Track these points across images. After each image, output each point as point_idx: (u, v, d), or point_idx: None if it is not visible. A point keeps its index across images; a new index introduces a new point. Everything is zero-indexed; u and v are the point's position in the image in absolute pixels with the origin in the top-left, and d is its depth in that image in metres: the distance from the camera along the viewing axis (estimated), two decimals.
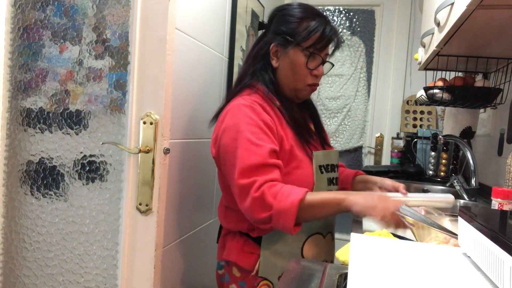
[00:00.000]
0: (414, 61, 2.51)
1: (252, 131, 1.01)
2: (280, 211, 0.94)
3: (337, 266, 0.81)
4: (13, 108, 1.25)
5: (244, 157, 0.99)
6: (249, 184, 0.97)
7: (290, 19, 1.12)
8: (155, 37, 1.10)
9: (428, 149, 2.24)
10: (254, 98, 1.09)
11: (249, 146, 0.99)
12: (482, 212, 0.80)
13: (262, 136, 1.02)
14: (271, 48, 1.13)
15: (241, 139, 1.01)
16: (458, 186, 1.66)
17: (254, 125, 1.02)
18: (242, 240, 1.13)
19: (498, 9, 0.94)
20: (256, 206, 0.96)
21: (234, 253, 1.13)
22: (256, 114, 1.04)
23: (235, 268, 1.14)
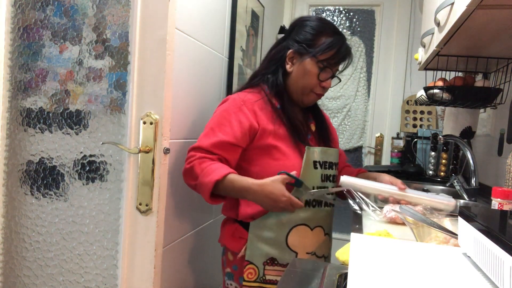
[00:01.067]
0: (414, 61, 2.51)
1: (218, 123, 1.18)
2: (201, 184, 1.12)
3: (337, 266, 0.81)
4: (13, 108, 1.25)
5: (201, 138, 1.19)
6: (190, 156, 1.17)
7: (310, 31, 1.23)
8: (155, 37, 1.10)
9: (428, 149, 2.24)
10: (250, 96, 1.22)
11: (209, 132, 1.18)
12: (482, 212, 0.80)
13: (221, 128, 1.17)
14: (288, 53, 1.23)
15: (209, 124, 1.20)
16: (458, 186, 1.66)
17: (223, 117, 1.18)
18: (234, 226, 1.24)
19: (498, 9, 0.94)
20: (187, 174, 1.18)
21: (227, 238, 1.26)
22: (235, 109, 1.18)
23: (229, 253, 1.25)
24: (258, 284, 1.18)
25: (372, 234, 0.97)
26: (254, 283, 1.18)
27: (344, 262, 0.83)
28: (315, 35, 1.22)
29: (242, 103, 1.19)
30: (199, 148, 1.16)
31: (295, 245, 1.19)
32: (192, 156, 1.16)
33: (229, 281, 1.26)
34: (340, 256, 0.85)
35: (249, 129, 1.17)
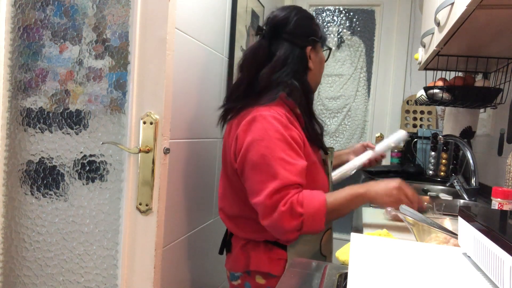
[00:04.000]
0: (414, 61, 2.51)
1: (283, 149, 1.02)
2: (311, 215, 0.98)
3: (337, 266, 0.81)
4: (13, 108, 1.25)
5: (277, 175, 0.99)
6: (278, 201, 0.99)
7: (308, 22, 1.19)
8: (155, 37, 1.10)
9: (428, 149, 2.24)
10: (279, 110, 1.08)
11: (279, 166, 1.00)
12: (482, 212, 0.80)
13: (292, 153, 1.03)
14: (308, 51, 1.17)
15: (273, 157, 1.01)
16: (458, 186, 1.66)
17: (284, 141, 1.03)
18: (268, 248, 1.13)
19: (498, 9, 0.94)
20: (286, 217, 0.98)
21: (264, 263, 1.12)
22: (285, 128, 1.04)
23: (258, 276, 1.14)
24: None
25: (372, 234, 0.97)
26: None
27: (344, 262, 0.83)
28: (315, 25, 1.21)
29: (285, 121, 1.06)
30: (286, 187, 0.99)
31: (325, 250, 1.19)
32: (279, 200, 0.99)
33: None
34: (340, 256, 0.85)
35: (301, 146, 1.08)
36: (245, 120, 1.08)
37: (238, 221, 1.17)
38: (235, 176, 1.13)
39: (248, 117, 1.07)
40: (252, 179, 1.04)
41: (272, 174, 1.00)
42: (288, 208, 0.98)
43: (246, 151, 1.04)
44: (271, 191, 0.99)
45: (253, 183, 1.03)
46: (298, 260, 0.86)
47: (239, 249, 1.17)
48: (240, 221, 1.17)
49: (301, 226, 0.99)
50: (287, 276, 0.76)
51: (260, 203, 1.00)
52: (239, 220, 1.17)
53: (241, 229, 1.17)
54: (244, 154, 1.05)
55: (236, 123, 1.12)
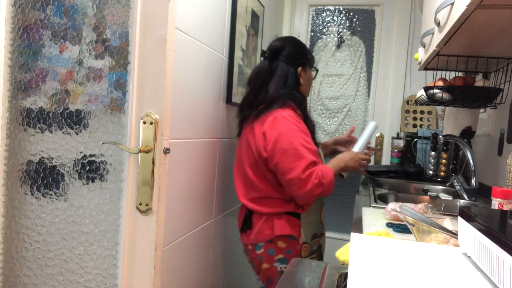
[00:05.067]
0: (414, 61, 2.51)
1: (302, 137, 1.42)
2: (328, 183, 1.41)
3: (337, 266, 0.81)
4: (13, 108, 1.25)
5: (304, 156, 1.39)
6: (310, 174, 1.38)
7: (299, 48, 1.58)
8: (155, 37, 1.10)
9: (428, 149, 2.24)
10: (292, 112, 1.47)
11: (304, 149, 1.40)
12: (482, 212, 0.80)
13: (308, 139, 1.44)
14: (299, 71, 1.55)
15: (298, 143, 1.40)
16: (458, 186, 1.66)
17: (301, 131, 1.43)
18: (288, 217, 1.48)
19: (498, 9, 0.94)
20: (316, 187, 1.38)
21: (287, 228, 1.47)
22: (298, 123, 1.45)
23: (280, 241, 1.47)
24: (310, 257, 1.55)
25: (372, 234, 0.97)
26: (308, 257, 1.54)
27: (344, 262, 0.83)
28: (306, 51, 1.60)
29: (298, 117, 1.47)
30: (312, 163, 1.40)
31: (323, 219, 1.63)
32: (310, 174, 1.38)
33: (282, 265, 1.49)
34: (340, 256, 0.85)
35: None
36: (268, 120, 1.43)
37: (263, 201, 1.49)
38: (263, 164, 1.46)
39: (271, 118, 1.43)
40: (284, 161, 1.39)
41: (300, 155, 1.38)
42: (318, 181, 1.38)
43: (275, 141, 1.40)
44: (303, 168, 1.37)
45: (285, 164, 1.38)
46: (299, 260, 0.86)
47: (263, 222, 1.49)
48: (265, 200, 1.49)
49: (321, 193, 1.40)
50: (288, 276, 0.76)
51: (295, 178, 1.37)
52: (264, 200, 1.49)
53: (265, 206, 1.49)
54: (274, 144, 1.40)
55: (259, 124, 1.46)
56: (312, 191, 1.38)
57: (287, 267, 0.83)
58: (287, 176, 1.38)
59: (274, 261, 1.48)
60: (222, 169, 1.79)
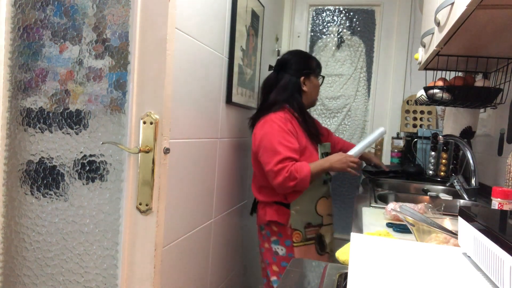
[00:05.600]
0: (414, 61, 2.51)
1: (282, 136, 1.62)
2: (302, 178, 1.58)
3: (337, 266, 0.81)
4: (13, 107, 1.25)
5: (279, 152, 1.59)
6: (282, 168, 1.58)
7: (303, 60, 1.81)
8: (155, 37, 1.10)
9: (428, 149, 2.24)
10: (281, 114, 1.69)
11: (280, 146, 1.60)
12: (482, 212, 0.80)
13: (289, 138, 1.63)
14: (302, 80, 1.77)
15: (275, 141, 1.61)
16: (458, 186, 1.66)
17: (282, 131, 1.63)
18: (276, 206, 1.72)
19: (498, 9, 0.94)
20: (287, 180, 1.58)
21: (275, 215, 1.71)
22: (283, 124, 1.65)
23: (273, 226, 1.73)
24: (303, 243, 1.70)
25: (372, 234, 0.97)
26: (301, 243, 1.70)
27: (344, 262, 0.83)
28: (309, 62, 1.82)
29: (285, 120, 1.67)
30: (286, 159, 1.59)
31: (320, 210, 1.75)
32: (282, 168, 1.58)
33: (277, 246, 1.73)
34: (340, 256, 0.85)
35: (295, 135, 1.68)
36: (260, 123, 1.70)
37: (262, 190, 1.76)
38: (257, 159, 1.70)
39: (262, 121, 1.70)
40: (264, 156, 1.63)
41: (275, 152, 1.59)
42: (289, 174, 1.57)
43: (260, 140, 1.66)
44: (276, 161, 1.58)
45: (264, 158, 1.63)
46: (299, 260, 0.86)
47: (261, 208, 1.78)
48: (263, 190, 1.76)
49: (295, 185, 1.59)
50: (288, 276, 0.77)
51: (269, 170, 1.60)
52: (262, 189, 1.76)
53: (262, 195, 1.76)
54: (259, 142, 1.66)
55: (257, 126, 1.72)
56: (284, 183, 1.57)
57: (287, 267, 0.83)
58: (265, 169, 1.63)
59: (271, 242, 1.75)
60: (222, 169, 1.79)
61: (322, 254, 1.77)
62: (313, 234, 1.73)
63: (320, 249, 1.76)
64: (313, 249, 1.73)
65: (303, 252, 1.70)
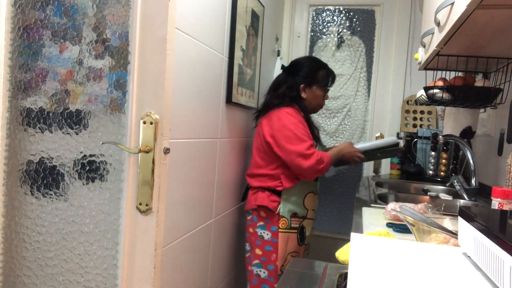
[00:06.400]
0: (414, 61, 2.51)
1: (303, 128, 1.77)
2: (327, 163, 1.76)
3: (337, 266, 0.81)
4: (13, 107, 1.25)
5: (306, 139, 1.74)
6: (313, 152, 1.73)
7: (311, 69, 1.89)
8: (155, 37, 1.10)
9: (428, 149, 2.24)
10: (293, 111, 1.81)
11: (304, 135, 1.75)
12: (482, 212, 0.80)
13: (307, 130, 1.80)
14: (301, 87, 1.86)
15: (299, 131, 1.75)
16: (458, 186, 1.66)
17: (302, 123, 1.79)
18: (268, 193, 1.82)
19: (498, 9, 0.94)
20: (318, 162, 1.72)
21: (266, 200, 1.80)
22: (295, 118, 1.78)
23: (262, 211, 1.82)
24: (287, 231, 1.81)
25: (372, 234, 0.97)
26: (285, 230, 1.80)
27: (344, 262, 0.83)
28: (316, 72, 1.88)
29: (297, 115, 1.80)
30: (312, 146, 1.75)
31: (307, 204, 1.87)
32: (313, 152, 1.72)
33: (262, 230, 1.82)
34: (340, 256, 0.85)
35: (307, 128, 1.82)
36: (275, 115, 1.79)
37: (259, 177, 1.84)
38: (267, 147, 1.80)
39: (277, 113, 1.79)
40: (289, 144, 1.73)
41: (301, 139, 1.73)
42: (320, 158, 1.73)
43: (279, 130, 1.75)
44: (307, 146, 1.72)
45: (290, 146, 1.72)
46: (299, 260, 0.86)
47: (252, 194, 1.86)
48: (261, 177, 1.84)
49: (322, 169, 1.74)
50: (288, 276, 0.77)
51: (300, 154, 1.71)
52: (260, 177, 1.84)
53: (258, 182, 1.84)
54: (275, 132, 1.76)
55: (267, 118, 1.82)
56: (315, 165, 1.71)
57: (287, 266, 0.83)
58: (292, 155, 1.72)
59: (256, 227, 1.84)
60: (222, 169, 1.79)
61: (301, 245, 1.86)
62: (297, 224, 1.83)
63: (300, 239, 1.85)
64: (295, 238, 1.83)
65: (286, 238, 1.81)
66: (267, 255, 1.81)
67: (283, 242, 1.80)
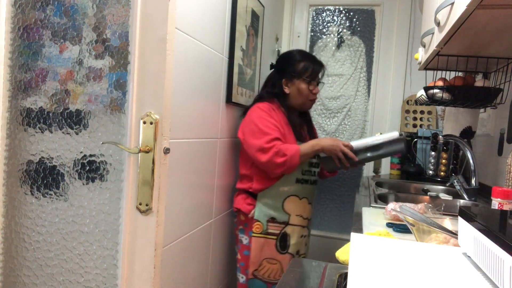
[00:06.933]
0: (414, 61, 2.51)
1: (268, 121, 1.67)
2: (292, 155, 1.60)
3: (337, 266, 0.81)
4: (13, 107, 1.25)
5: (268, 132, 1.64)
6: (272, 146, 1.61)
7: (292, 62, 1.78)
8: (155, 37, 1.10)
9: (428, 149, 2.24)
10: (266, 105, 1.74)
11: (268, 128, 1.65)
12: (482, 212, 0.80)
13: (275, 123, 1.68)
14: (283, 82, 1.78)
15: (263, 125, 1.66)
16: (458, 186, 1.66)
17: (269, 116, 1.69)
18: (245, 195, 1.76)
19: (498, 9, 0.94)
20: (276, 155, 1.60)
21: (240, 204, 1.76)
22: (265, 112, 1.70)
23: (241, 215, 1.77)
24: (263, 236, 1.71)
25: (372, 234, 0.97)
26: (260, 234, 1.71)
27: (344, 262, 0.83)
28: (296, 64, 1.77)
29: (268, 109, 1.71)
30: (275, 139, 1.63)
31: (288, 209, 1.73)
32: (272, 146, 1.61)
33: (241, 235, 1.76)
34: (340, 256, 0.85)
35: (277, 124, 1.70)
36: (248, 111, 1.75)
37: (240, 178, 1.81)
38: (241, 145, 1.74)
39: (250, 109, 1.75)
40: (251, 138, 1.66)
41: (264, 133, 1.64)
42: (278, 150, 1.60)
43: (245, 126, 1.71)
44: (266, 140, 1.62)
45: (252, 140, 1.65)
46: (299, 260, 0.86)
47: (235, 197, 1.83)
48: (241, 178, 1.81)
49: (285, 162, 1.60)
50: (288, 276, 0.77)
51: (258, 148, 1.62)
52: (241, 177, 1.80)
53: (239, 183, 1.81)
54: (244, 127, 1.71)
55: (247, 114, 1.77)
56: (273, 159, 1.60)
57: (287, 267, 0.83)
58: (253, 149, 1.64)
59: (237, 230, 1.80)
60: (222, 169, 1.79)
61: (283, 253, 1.72)
62: (276, 230, 1.70)
63: (281, 247, 1.71)
64: (273, 245, 1.70)
65: (260, 244, 1.69)
66: (245, 260, 1.74)
67: (257, 247, 1.70)
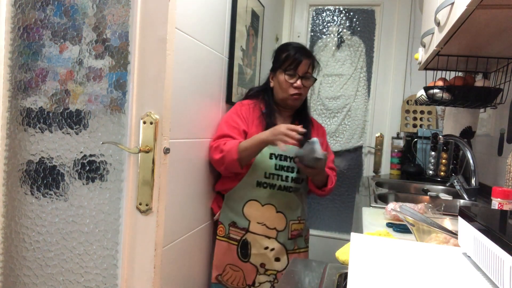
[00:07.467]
0: (414, 61, 2.51)
1: (231, 117, 1.63)
2: (228, 151, 1.51)
3: (337, 266, 0.81)
4: (13, 107, 1.25)
5: (220, 129, 1.62)
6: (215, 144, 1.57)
7: (276, 54, 1.70)
8: (155, 37, 1.10)
9: (428, 149, 2.24)
10: (245, 102, 1.70)
11: (224, 124, 1.62)
12: (482, 212, 0.80)
13: (236, 119, 1.62)
14: (270, 76, 1.71)
15: (223, 121, 1.65)
16: (458, 186, 1.66)
17: (235, 114, 1.64)
18: (217, 195, 1.72)
19: (498, 9, 0.94)
20: (215, 152, 1.55)
21: (214, 204, 1.70)
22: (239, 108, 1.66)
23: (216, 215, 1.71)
24: (225, 239, 1.62)
25: (372, 234, 0.97)
26: (223, 238, 1.63)
27: (344, 262, 0.83)
28: (279, 55, 1.66)
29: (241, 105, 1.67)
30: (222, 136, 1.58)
31: (249, 214, 1.60)
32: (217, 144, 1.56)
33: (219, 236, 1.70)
34: (340, 256, 0.85)
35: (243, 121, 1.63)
36: None
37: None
38: None
39: None
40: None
41: (218, 130, 1.63)
42: (216, 145, 1.55)
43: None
44: (214, 138, 1.61)
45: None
46: (299, 260, 0.86)
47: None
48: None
49: (222, 159, 1.52)
50: (288, 276, 0.77)
51: (209, 146, 1.61)
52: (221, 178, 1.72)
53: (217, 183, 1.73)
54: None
55: None
56: (212, 155, 1.57)
57: (288, 266, 0.83)
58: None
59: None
60: None
61: (244, 261, 1.59)
62: (237, 236, 1.59)
63: (242, 254, 1.59)
64: (234, 251, 1.59)
65: (223, 248, 1.60)
66: None
67: (220, 251, 1.62)
